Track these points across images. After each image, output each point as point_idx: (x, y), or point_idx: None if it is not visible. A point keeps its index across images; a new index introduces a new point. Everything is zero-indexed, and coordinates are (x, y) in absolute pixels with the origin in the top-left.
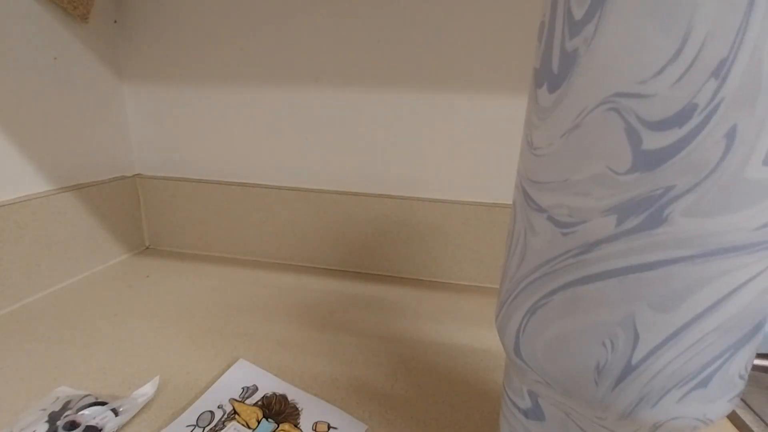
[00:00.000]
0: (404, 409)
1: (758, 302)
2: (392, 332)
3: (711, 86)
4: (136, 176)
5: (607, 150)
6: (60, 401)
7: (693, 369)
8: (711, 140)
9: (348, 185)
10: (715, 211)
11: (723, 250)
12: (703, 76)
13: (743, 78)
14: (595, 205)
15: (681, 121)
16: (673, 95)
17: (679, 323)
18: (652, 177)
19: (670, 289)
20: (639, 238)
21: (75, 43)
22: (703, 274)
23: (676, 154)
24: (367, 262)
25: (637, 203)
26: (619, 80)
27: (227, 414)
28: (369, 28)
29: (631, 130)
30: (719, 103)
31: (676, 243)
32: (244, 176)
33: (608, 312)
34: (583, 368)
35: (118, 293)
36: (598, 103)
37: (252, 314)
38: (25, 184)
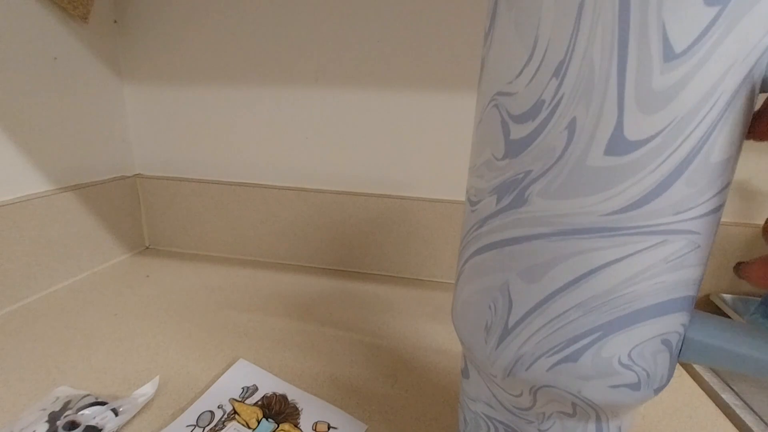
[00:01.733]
0: (404, 409)
1: (624, 289)
2: (392, 332)
3: (553, 84)
4: (136, 176)
5: (491, 139)
6: (60, 401)
7: (559, 341)
8: (556, 131)
9: (348, 185)
10: (565, 194)
11: (575, 231)
12: (547, 76)
13: (577, 76)
14: (485, 185)
15: (534, 115)
16: (528, 93)
17: (542, 294)
18: (516, 162)
19: (533, 262)
20: (509, 216)
21: (75, 43)
22: (560, 252)
23: (532, 143)
24: (368, 262)
25: (508, 185)
26: (498, 81)
27: (227, 414)
28: (369, 28)
29: (504, 123)
30: (560, 98)
31: (534, 221)
32: (244, 176)
33: (491, 279)
34: (477, 328)
35: (118, 293)
36: (488, 101)
37: (252, 314)
38: (25, 184)
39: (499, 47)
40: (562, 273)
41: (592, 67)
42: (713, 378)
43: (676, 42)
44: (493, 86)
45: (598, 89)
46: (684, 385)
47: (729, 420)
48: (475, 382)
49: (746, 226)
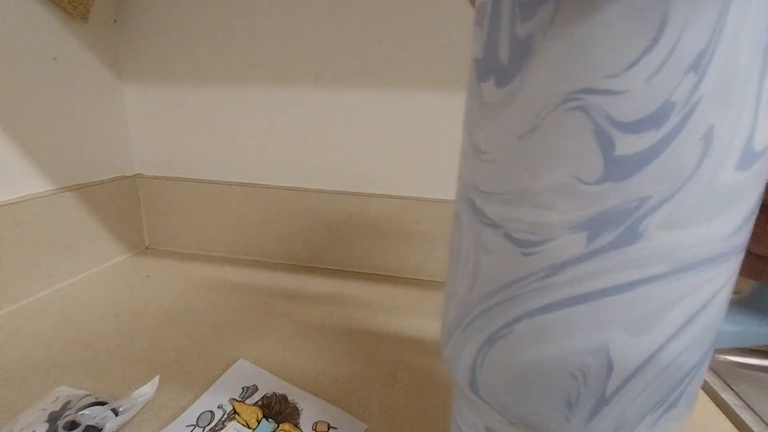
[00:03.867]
0: (404, 409)
1: (721, 312)
2: (392, 332)
3: (690, 81)
4: (136, 176)
5: (572, 156)
6: (60, 401)
7: (666, 391)
8: (689, 143)
9: (349, 185)
10: (692, 222)
11: (696, 264)
12: (682, 69)
13: (722, 73)
14: (560, 220)
15: (658, 122)
16: (649, 92)
17: (653, 347)
18: (626, 187)
19: (644, 311)
20: (613, 257)
21: (75, 43)
22: (675, 293)
23: (653, 160)
24: (368, 261)
25: (610, 217)
26: (585, 74)
27: (227, 414)
28: (369, 29)
29: (601, 133)
30: (698, 101)
31: (651, 260)
32: (244, 176)
33: (579, 340)
34: (552, 404)
35: (118, 293)
36: (560, 101)
37: (252, 314)
38: (25, 184)
39: (588, 23)
40: (677, 317)
41: (738, 60)
42: (713, 378)
43: None
44: (571, 80)
45: (741, 89)
46: None
47: (729, 420)
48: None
49: None
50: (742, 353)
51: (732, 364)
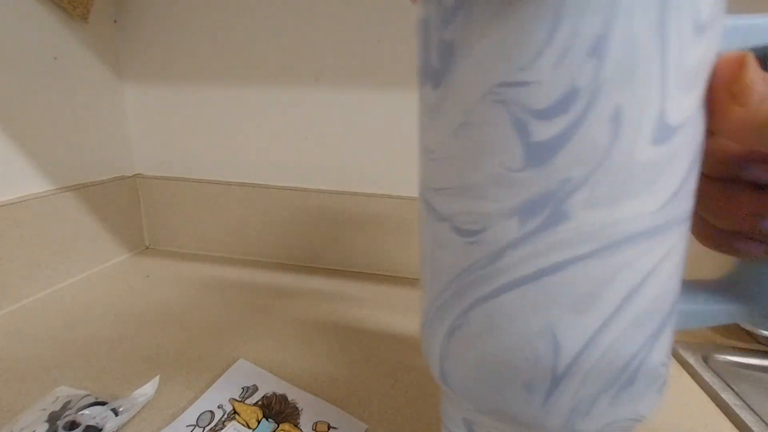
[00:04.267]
0: (404, 409)
1: (668, 287)
2: (392, 332)
3: (591, 66)
4: (136, 176)
5: (498, 146)
6: (60, 401)
7: (617, 368)
8: (598, 124)
9: (349, 185)
10: (614, 199)
11: (626, 239)
12: (582, 55)
13: (621, 55)
14: (495, 208)
15: (566, 107)
16: (556, 79)
17: (597, 323)
18: (546, 171)
19: (582, 290)
20: (544, 239)
21: (75, 43)
22: (612, 267)
23: (567, 143)
24: (368, 262)
25: (537, 201)
26: (501, 69)
27: (227, 414)
28: (369, 29)
29: (518, 122)
30: (602, 83)
31: (581, 238)
32: (244, 176)
33: (525, 324)
34: (511, 388)
35: (118, 293)
36: (483, 96)
37: (252, 314)
38: (25, 184)
39: (494, 21)
40: (616, 292)
41: (636, 42)
42: (713, 378)
43: (703, 11)
44: (489, 75)
45: (643, 68)
46: (684, 385)
47: (729, 420)
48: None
49: None
50: (742, 353)
51: (732, 364)
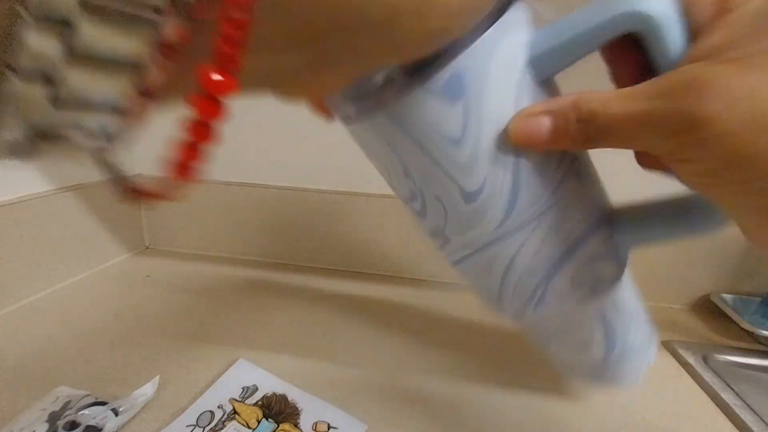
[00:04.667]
0: (404, 409)
1: (536, 260)
2: (392, 332)
3: (410, 182)
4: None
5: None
6: (60, 401)
7: (525, 299)
8: (431, 204)
9: (349, 185)
10: (464, 231)
11: (485, 245)
12: (402, 176)
13: (421, 174)
14: (427, 232)
15: (415, 199)
16: (404, 185)
17: (497, 283)
18: (428, 222)
19: (479, 269)
20: (448, 248)
21: None
22: (487, 259)
23: (425, 216)
24: (368, 261)
25: (435, 233)
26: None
27: (227, 414)
28: None
29: (410, 211)
30: (422, 188)
31: (462, 248)
32: (244, 176)
33: (472, 280)
34: (485, 300)
35: (118, 293)
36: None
37: (252, 314)
38: (25, 184)
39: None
40: (497, 270)
41: (429, 176)
42: (713, 378)
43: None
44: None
45: (434, 176)
46: (684, 385)
47: (729, 420)
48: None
49: None
50: (742, 353)
51: (732, 364)
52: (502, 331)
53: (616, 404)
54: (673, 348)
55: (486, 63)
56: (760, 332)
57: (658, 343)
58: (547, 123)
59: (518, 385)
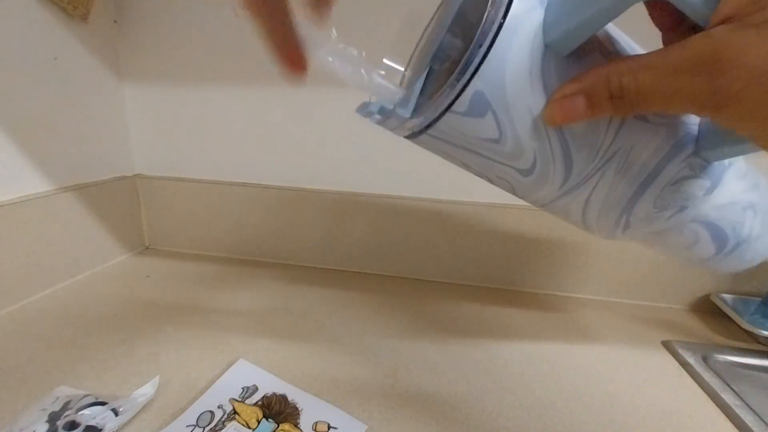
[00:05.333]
0: (404, 409)
1: (609, 198)
2: (392, 332)
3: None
4: (136, 176)
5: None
6: (60, 401)
7: (610, 228)
8: (500, 184)
9: (348, 185)
10: (532, 194)
11: (557, 198)
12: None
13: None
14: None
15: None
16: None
17: (579, 221)
18: (508, 190)
19: (559, 211)
20: (530, 201)
21: (75, 43)
22: (563, 206)
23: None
24: (367, 261)
25: (515, 194)
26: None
27: (227, 414)
28: (370, 28)
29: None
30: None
31: (535, 202)
32: (244, 176)
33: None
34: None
35: (118, 293)
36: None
37: (252, 314)
38: (25, 184)
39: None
40: (575, 213)
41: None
42: (713, 378)
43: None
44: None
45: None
46: (684, 385)
47: (729, 420)
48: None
49: None
50: (742, 353)
51: (732, 364)
52: (502, 331)
53: (616, 404)
54: (673, 348)
55: (501, 70)
56: (760, 332)
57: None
58: (581, 102)
59: (518, 385)
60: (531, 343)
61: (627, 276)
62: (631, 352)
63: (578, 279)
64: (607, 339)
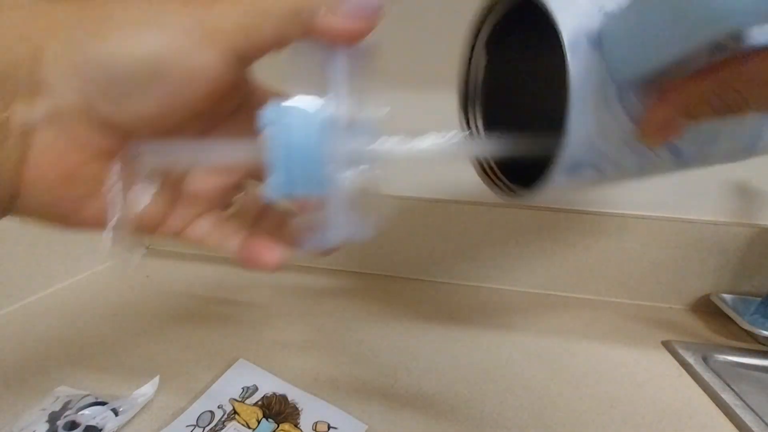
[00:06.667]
0: (404, 409)
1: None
2: (392, 332)
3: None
4: None
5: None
6: (60, 401)
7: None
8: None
9: None
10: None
11: (677, 166)
12: None
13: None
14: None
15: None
16: None
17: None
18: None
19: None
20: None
21: None
22: (682, 166)
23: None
24: (367, 261)
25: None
26: None
27: (227, 414)
28: None
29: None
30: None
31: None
32: None
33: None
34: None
35: (118, 293)
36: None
37: (252, 314)
38: None
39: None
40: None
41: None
42: (713, 378)
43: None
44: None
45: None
46: (684, 385)
47: (729, 420)
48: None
49: (746, 226)
50: (742, 353)
51: (732, 364)
52: (502, 331)
53: (616, 404)
54: (673, 348)
55: (585, 133)
56: (760, 332)
57: None
58: (674, 116)
59: (518, 385)
60: (531, 343)
61: (627, 276)
62: (631, 352)
63: (578, 279)
64: (607, 339)
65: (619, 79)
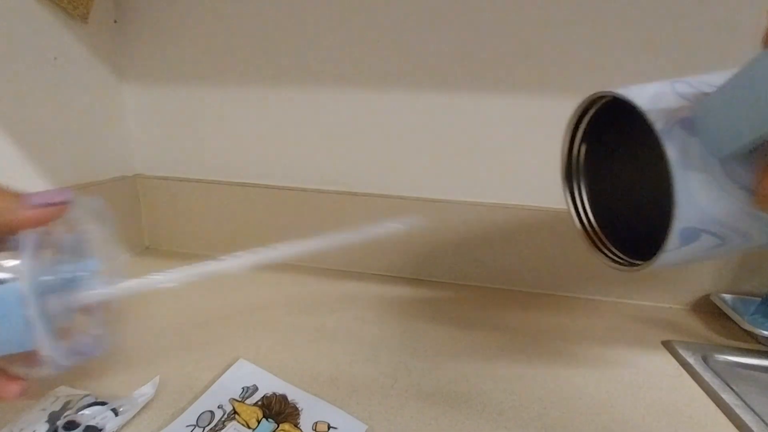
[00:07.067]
0: (404, 409)
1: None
2: (392, 332)
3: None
4: (136, 176)
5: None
6: (60, 401)
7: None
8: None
9: (348, 185)
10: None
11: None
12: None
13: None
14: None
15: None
16: None
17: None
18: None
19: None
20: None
21: (75, 43)
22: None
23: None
24: (367, 261)
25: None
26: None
27: (227, 414)
28: (370, 28)
29: None
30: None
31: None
32: (244, 176)
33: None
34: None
35: None
36: None
37: (252, 314)
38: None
39: None
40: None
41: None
42: (713, 378)
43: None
44: None
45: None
46: (684, 385)
47: (729, 420)
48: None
49: None
50: (742, 353)
51: (732, 364)
52: (501, 331)
53: (617, 404)
54: (673, 348)
55: (698, 206)
56: (760, 332)
57: None
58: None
59: (518, 385)
60: (530, 343)
61: (627, 276)
62: (631, 352)
63: (578, 279)
64: (607, 339)
65: (720, 154)
